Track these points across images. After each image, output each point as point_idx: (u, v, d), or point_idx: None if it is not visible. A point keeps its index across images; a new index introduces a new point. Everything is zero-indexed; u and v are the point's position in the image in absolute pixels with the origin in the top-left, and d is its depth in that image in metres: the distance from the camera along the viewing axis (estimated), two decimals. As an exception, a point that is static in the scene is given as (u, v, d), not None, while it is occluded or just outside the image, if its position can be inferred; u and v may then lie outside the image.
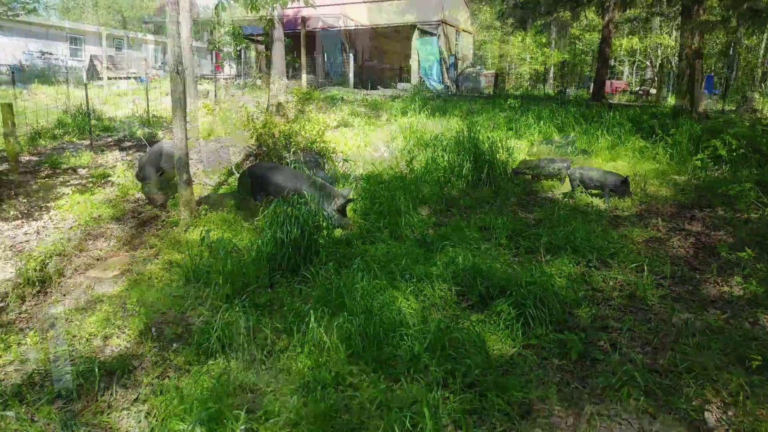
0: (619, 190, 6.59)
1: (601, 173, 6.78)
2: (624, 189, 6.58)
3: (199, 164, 9.15)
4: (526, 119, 10.75)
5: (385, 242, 5.41)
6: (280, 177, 5.96)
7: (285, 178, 5.88)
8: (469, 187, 7.06)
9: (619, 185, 6.57)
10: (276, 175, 6.00)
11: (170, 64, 5.73)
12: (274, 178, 5.98)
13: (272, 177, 6.00)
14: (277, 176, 6.00)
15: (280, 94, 10.03)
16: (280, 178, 5.94)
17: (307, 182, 5.81)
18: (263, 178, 6.05)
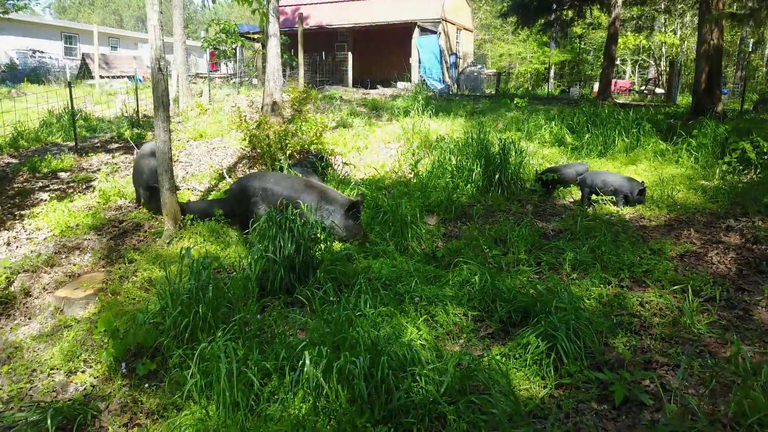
0: (635, 197, 6.03)
1: (615, 178, 6.22)
2: (639, 196, 6.01)
3: (188, 167, 8.59)
4: (535, 120, 10.19)
5: (390, 257, 4.86)
6: (276, 186, 5.27)
7: (281, 187, 5.25)
8: (480, 193, 6.51)
9: (636, 192, 6.01)
10: (270, 185, 5.32)
11: (151, 59, 5.17)
12: (269, 187, 5.30)
13: (266, 187, 5.32)
14: (272, 185, 5.30)
15: (276, 93, 9.47)
16: (276, 187, 5.25)
17: (305, 190, 5.23)
18: (256, 191, 5.30)
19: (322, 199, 5.15)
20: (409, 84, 21.86)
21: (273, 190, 5.08)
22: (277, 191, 5.06)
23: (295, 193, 5.07)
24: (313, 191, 5.19)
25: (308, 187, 5.23)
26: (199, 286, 3.52)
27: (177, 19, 15.90)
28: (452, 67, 24.45)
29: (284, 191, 5.07)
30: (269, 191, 5.08)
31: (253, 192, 5.15)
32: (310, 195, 5.12)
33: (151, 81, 5.24)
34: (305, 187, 5.21)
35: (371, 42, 25.60)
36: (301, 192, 5.11)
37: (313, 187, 5.27)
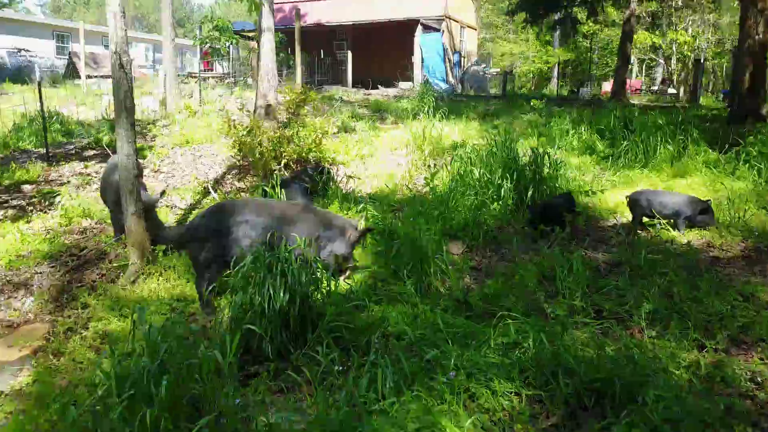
0: (698, 218, 5.03)
1: (673, 197, 5.21)
2: (706, 217, 5.03)
3: (170, 178, 7.57)
4: (558, 124, 9.19)
5: (410, 302, 3.86)
6: (258, 217, 4.03)
7: (266, 217, 4.05)
8: (510, 213, 5.51)
9: (698, 213, 5.01)
10: (251, 216, 4.03)
11: (111, 54, 4.15)
12: (250, 220, 4.00)
13: (246, 219, 3.99)
14: (253, 216, 4.03)
15: (270, 95, 8.47)
16: (259, 218, 4.03)
17: (297, 217, 4.18)
18: (230, 228, 3.95)
19: (318, 225, 4.15)
20: (411, 84, 20.86)
21: (255, 222, 3.99)
22: (261, 223, 3.98)
23: (284, 222, 4.03)
24: (307, 217, 4.17)
25: (301, 213, 4.20)
26: (155, 369, 2.50)
27: (166, 15, 14.88)
28: (456, 67, 23.46)
29: (270, 222, 4.00)
30: (250, 224, 3.96)
31: (227, 229, 3.95)
32: (304, 223, 4.09)
33: (112, 81, 4.23)
34: (297, 213, 4.18)
35: (372, 40, 24.58)
36: (293, 220, 4.08)
37: (307, 213, 4.25)
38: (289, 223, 4.03)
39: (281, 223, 3.99)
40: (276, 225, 3.94)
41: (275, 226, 3.94)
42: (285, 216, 4.07)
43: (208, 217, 3.96)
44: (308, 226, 4.08)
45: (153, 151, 8.71)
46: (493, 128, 9.96)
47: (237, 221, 3.92)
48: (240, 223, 3.92)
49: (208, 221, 3.92)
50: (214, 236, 3.86)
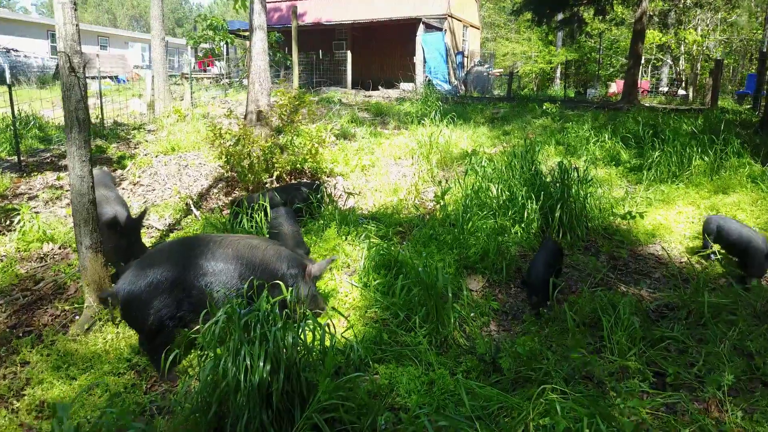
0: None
1: (748, 229, 4.26)
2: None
3: (150, 192, 6.82)
4: (575, 130, 8.44)
5: (423, 359, 3.12)
6: (217, 264, 3.22)
7: (225, 264, 3.24)
8: (534, 236, 4.77)
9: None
10: (207, 264, 3.22)
11: (60, 55, 3.42)
12: (208, 269, 3.21)
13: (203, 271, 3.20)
14: (211, 264, 3.22)
15: (262, 99, 7.72)
16: (218, 266, 3.22)
17: (272, 259, 3.40)
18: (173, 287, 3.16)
19: (282, 263, 3.40)
20: (413, 85, 20.13)
21: (221, 269, 3.20)
22: (223, 277, 3.20)
23: (254, 269, 3.27)
24: (272, 255, 3.40)
25: (276, 257, 3.41)
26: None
27: (155, 12, 14.15)
28: (459, 67, 22.71)
29: (237, 272, 3.24)
30: (205, 280, 3.16)
31: (164, 290, 3.10)
32: (274, 263, 3.35)
33: (61, 87, 3.49)
34: (272, 254, 3.40)
35: (372, 40, 23.86)
36: (268, 264, 3.33)
37: (268, 249, 3.45)
38: (261, 268, 3.29)
39: (250, 268, 3.25)
40: (241, 272, 3.21)
41: (243, 273, 3.21)
42: (251, 261, 3.30)
43: (160, 262, 3.19)
44: (274, 266, 3.35)
45: (135, 160, 7.98)
46: (505, 134, 9.23)
47: (198, 265, 3.18)
48: (202, 270, 3.17)
49: (160, 268, 3.15)
50: (169, 287, 3.11)
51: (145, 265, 3.22)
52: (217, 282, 3.19)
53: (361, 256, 4.23)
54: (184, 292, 3.15)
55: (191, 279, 3.16)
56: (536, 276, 3.69)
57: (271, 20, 25.01)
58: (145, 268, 3.18)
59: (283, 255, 3.44)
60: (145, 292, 3.10)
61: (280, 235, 4.18)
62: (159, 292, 3.11)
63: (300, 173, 7.14)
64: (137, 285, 3.11)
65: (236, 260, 3.27)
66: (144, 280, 3.12)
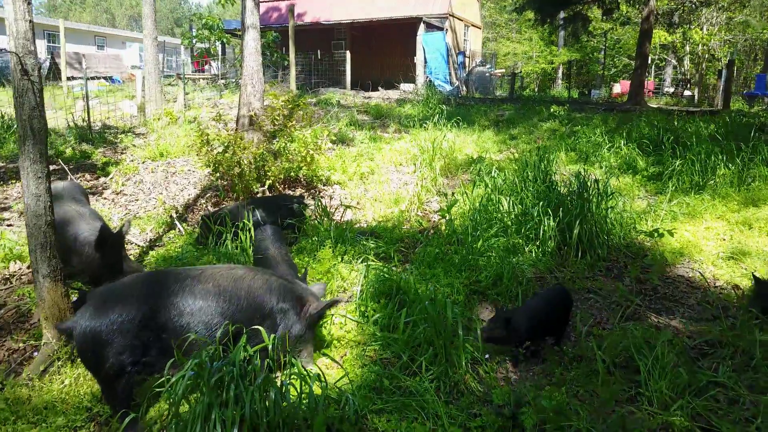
0: None
1: None
2: None
3: (133, 203, 6.36)
4: (586, 134, 7.98)
5: (430, 410, 2.66)
6: (186, 301, 2.75)
7: (193, 305, 2.76)
8: (551, 257, 4.31)
9: None
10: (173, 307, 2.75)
11: (11, 56, 2.95)
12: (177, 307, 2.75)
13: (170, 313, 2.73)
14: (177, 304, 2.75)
15: (255, 102, 7.26)
16: (187, 306, 2.75)
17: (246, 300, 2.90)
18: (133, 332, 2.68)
19: (272, 295, 2.95)
20: (413, 86, 19.67)
21: (192, 314, 2.72)
22: (203, 317, 2.73)
23: (239, 304, 2.82)
24: (256, 286, 2.94)
25: (265, 288, 2.95)
26: None
27: (147, 11, 13.69)
28: (460, 67, 22.24)
29: (218, 309, 2.79)
30: (181, 322, 2.70)
31: (129, 330, 2.64)
32: (251, 298, 2.89)
33: (13, 93, 3.03)
34: (259, 284, 2.94)
35: (372, 40, 23.41)
36: (255, 297, 2.88)
37: (256, 279, 2.99)
38: (242, 304, 2.84)
39: (234, 304, 2.80)
40: (228, 308, 2.76)
41: (226, 310, 2.76)
42: (238, 291, 2.86)
43: (128, 297, 2.73)
44: (261, 299, 2.90)
45: (119, 167, 7.51)
46: (512, 139, 8.77)
47: (173, 304, 2.73)
48: (177, 309, 2.72)
49: (126, 304, 2.69)
50: (136, 327, 2.66)
51: (110, 297, 2.76)
52: (195, 323, 2.74)
53: (358, 280, 3.77)
54: (154, 335, 2.69)
55: (163, 319, 2.71)
56: (531, 323, 3.11)
57: (270, 20, 24.56)
58: (108, 302, 2.73)
59: (273, 285, 2.99)
60: (105, 329, 2.64)
61: (268, 259, 3.72)
62: (123, 331, 2.65)
63: (294, 182, 6.69)
64: (97, 320, 2.66)
65: (218, 296, 2.82)
66: (106, 316, 2.67)
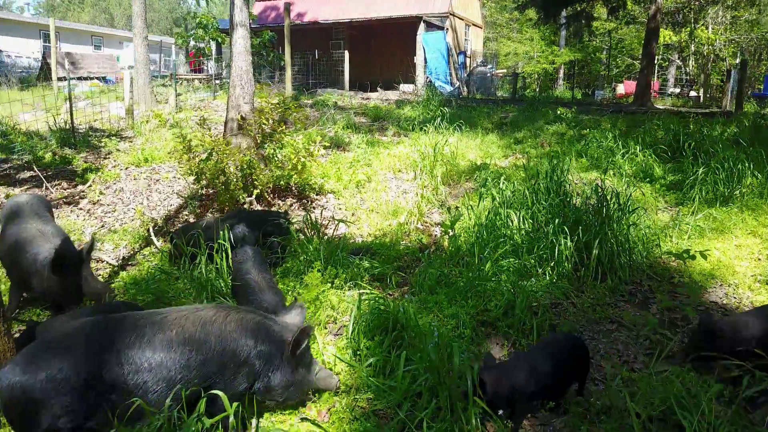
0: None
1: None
2: None
3: (109, 214, 5.88)
4: (595, 137, 7.52)
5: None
6: (142, 355, 2.27)
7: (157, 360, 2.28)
8: (567, 280, 3.83)
9: None
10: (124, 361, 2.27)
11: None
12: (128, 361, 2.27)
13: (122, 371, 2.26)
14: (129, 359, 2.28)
15: (244, 105, 6.79)
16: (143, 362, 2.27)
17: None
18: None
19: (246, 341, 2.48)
20: (413, 86, 19.22)
21: (151, 370, 2.24)
22: (164, 372, 2.25)
23: (209, 352, 2.36)
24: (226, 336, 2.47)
25: (240, 331, 2.47)
26: None
27: (137, 9, 13.27)
28: (461, 67, 21.78)
29: (183, 361, 2.31)
30: (137, 379, 2.23)
31: (70, 389, 2.17)
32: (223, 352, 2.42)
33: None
34: (233, 327, 2.47)
35: (371, 39, 22.97)
36: (228, 343, 2.41)
37: (228, 322, 2.51)
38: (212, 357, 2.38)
39: (203, 353, 2.34)
40: (190, 366, 2.29)
41: (194, 361, 2.29)
42: (205, 339, 2.39)
43: (71, 349, 2.26)
44: (236, 345, 2.44)
45: (100, 174, 7.05)
46: (517, 143, 8.31)
47: (128, 359, 2.26)
48: (133, 364, 2.26)
49: (68, 357, 2.22)
50: (80, 387, 2.19)
51: (49, 346, 2.30)
52: (154, 380, 2.26)
53: (350, 309, 3.30)
54: (101, 395, 2.22)
55: (114, 376, 2.23)
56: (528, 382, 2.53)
57: (267, 19, 24.10)
58: (47, 352, 2.26)
59: (248, 326, 2.52)
60: (40, 387, 2.17)
61: (249, 286, 3.26)
62: (62, 390, 2.18)
63: (285, 191, 6.22)
64: (31, 375, 2.18)
65: (183, 346, 2.34)
66: (42, 370, 2.19)
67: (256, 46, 17.06)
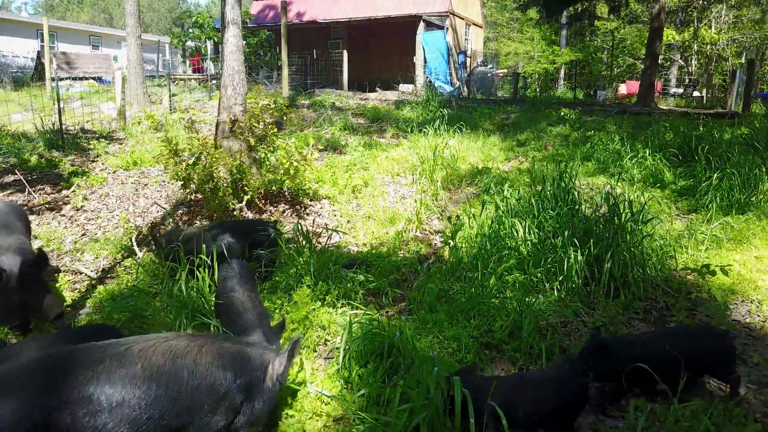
0: None
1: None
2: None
3: (92, 222, 5.59)
4: (601, 140, 7.23)
5: None
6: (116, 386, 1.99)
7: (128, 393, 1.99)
8: (578, 296, 3.55)
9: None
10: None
11: None
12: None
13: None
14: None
15: (236, 106, 6.51)
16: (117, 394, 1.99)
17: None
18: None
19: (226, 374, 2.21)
20: (412, 86, 18.93)
21: (110, 410, 1.95)
22: (126, 411, 1.96)
23: (180, 389, 2.08)
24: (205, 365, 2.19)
25: (216, 363, 2.20)
26: None
27: (130, 8, 13.01)
28: (461, 67, 21.49)
29: (150, 399, 2.02)
30: (95, 422, 1.93)
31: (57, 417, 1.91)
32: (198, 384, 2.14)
33: None
34: (208, 360, 2.19)
35: (370, 39, 22.70)
36: (203, 378, 2.14)
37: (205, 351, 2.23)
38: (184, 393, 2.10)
39: (173, 390, 2.06)
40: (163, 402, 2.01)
41: (162, 399, 2.01)
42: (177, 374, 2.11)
43: (14, 388, 1.97)
44: (212, 379, 2.16)
45: (86, 178, 6.77)
46: (519, 145, 8.03)
47: (82, 397, 1.98)
48: (88, 404, 1.97)
49: (11, 398, 1.93)
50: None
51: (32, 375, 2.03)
52: (115, 422, 1.98)
53: (342, 330, 3.02)
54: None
55: (68, 421, 1.95)
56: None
57: (266, 18, 23.81)
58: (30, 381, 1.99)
59: (227, 357, 2.25)
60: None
61: (234, 305, 2.98)
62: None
63: (277, 196, 5.94)
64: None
65: (150, 382, 2.06)
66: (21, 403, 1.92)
67: (254, 45, 16.78)
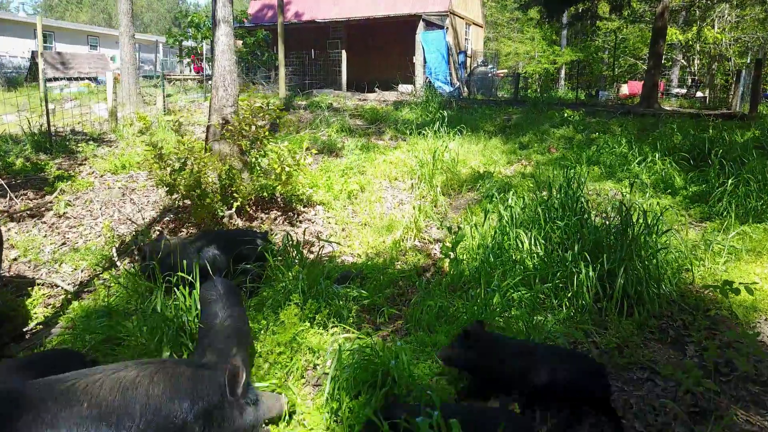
0: None
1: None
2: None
3: (72, 230, 5.32)
4: (607, 143, 6.96)
5: None
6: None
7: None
8: (588, 314, 3.29)
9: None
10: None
11: None
12: None
13: None
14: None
15: (228, 108, 6.24)
16: None
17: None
18: None
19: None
20: (411, 87, 18.66)
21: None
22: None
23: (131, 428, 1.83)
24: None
25: (170, 396, 1.94)
26: None
27: (123, 7, 12.73)
28: (461, 67, 21.22)
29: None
30: None
31: None
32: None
33: None
34: (158, 392, 1.93)
35: (369, 38, 22.41)
36: (156, 413, 1.89)
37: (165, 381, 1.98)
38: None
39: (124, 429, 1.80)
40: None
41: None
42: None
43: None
44: (167, 414, 1.91)
45: (72, 182, 6.49)
46: (522, 148, 7.76)
47: None
48: None
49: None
50: None
51: None
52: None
53: (331, 361, 2.75)
54: None
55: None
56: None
57: (264, 18, 23.54)
58: None
59: (181, 384, 2.00)
60: None
61: (215, 332, 2.72)
62: None
63: (269, 202, 5.67)
64: None
65: (97, 421, 1.80)
66: None
67: (251, 45, 16.54)
